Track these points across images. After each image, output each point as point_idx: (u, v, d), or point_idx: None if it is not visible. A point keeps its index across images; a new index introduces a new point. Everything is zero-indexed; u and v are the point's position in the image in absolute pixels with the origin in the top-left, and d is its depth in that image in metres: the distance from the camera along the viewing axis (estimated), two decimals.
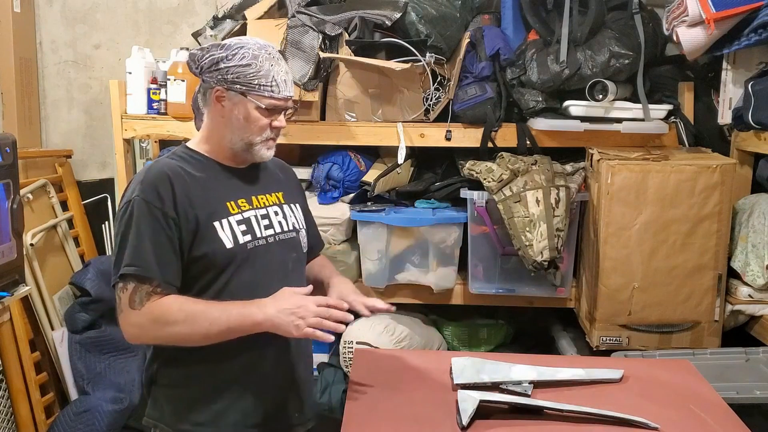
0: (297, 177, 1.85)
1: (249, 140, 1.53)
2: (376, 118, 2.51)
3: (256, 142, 1.54)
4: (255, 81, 1.49)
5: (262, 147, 1.55)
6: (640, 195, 2.20)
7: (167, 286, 1.43)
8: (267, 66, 1.49)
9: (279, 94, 1.51)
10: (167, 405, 1.55)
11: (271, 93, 1.50)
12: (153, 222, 1.43)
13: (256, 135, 1.53)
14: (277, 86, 1.50)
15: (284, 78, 1.52)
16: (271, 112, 1.52)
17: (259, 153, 1.56)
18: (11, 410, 2.44)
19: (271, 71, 1.50)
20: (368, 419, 1.51)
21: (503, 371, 1.66)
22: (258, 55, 1.49)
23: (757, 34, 2.15)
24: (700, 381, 1.75)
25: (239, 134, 1.53)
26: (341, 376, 2.49)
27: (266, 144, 1.55)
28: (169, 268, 1.44)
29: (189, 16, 3.07)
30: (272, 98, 1.51)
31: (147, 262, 1.41)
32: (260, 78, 1.49)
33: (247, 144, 1.54)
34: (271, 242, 1.56)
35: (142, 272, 1.41)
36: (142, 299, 1.41)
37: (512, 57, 2.47)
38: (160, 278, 1.42)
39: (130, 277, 1.41)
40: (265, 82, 1.49)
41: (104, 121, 3.06)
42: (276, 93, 1.51)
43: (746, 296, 2.28)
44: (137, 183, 1.47)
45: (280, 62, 1.53)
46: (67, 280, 2.77)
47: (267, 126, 1.53)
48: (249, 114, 1.51)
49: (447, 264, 2.53)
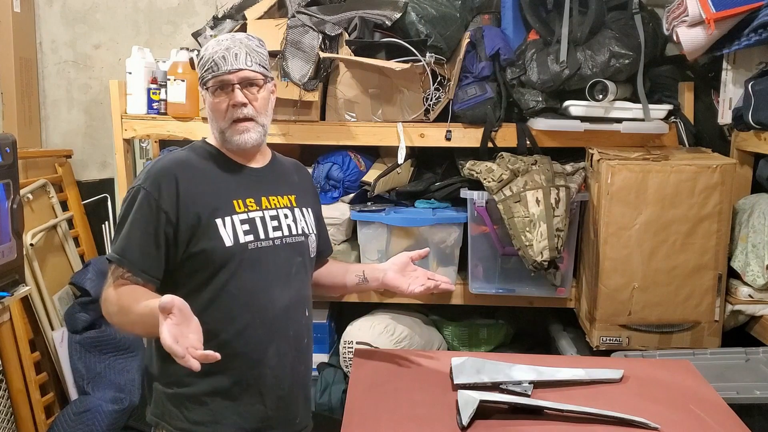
0: (312, 180, 1.85)
1: (219, 128, 1.55)
2: (376, 118, 2.51)
3: (224, 128, 1.55)
4: (203, 70, 1.53)
5: (233, 133, 1.54)
6: (640, 195, 2.20)
7: (141, 275, 1.45)
8: (210, 51, 1.52)
9: (219, 70, 1.51)
10: (167, 403, 1.55)
11: (213, 72, 1.52)
12: (147, 213, 1.46)
13: (221, 120, 1.54)
14: (215, 64, 1.51)
15: (223, 55, 1.51)
16: (223, 91, 1.52)
17: (232, 139, 1.55)
18: (11, 410, 2.44)
19: (211, 55, 1.52)
20: (368, 419, 1.50)
21: (503, 371, 1.66)
22: (208, 47, 1.54)
23: (757, 34, 2.15)
24: (700, 381, 1.75)
25: (213, 128, 1.57)
26: (341, 376, 2.49)
27: (235, 129, 1.54)
28: (149, 259, 1.46)
29: (189, 16, 3.07)
30: (214, 77, 1.52)
31: (129, 249, 1.45)
32: (204, 64, 1.53)
33: (220, 133, 1.56)
34: (278, 244, 1.56)
35: (120, 258, 1.46)
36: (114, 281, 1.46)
37: (512, 57, 2.47)
38: (136, 267, 1.45)
39: (112, 260, 1.47)
40: (207, 66, 1.52)
41: (104, 121, 3.06)
42: (216, 70, 1.51)
43: (746, 296, 2.28)
44: (146, 172, 1.52)
45: (225, 43, 1.52)
46: (67, 280, 2.77)
47: (225, 108, 1.53)
48: (210, 103, 1.54)
49: (447, 264, 2.53)
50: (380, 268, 1.77)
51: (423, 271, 1.76)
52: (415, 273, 1.75)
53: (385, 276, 1.75)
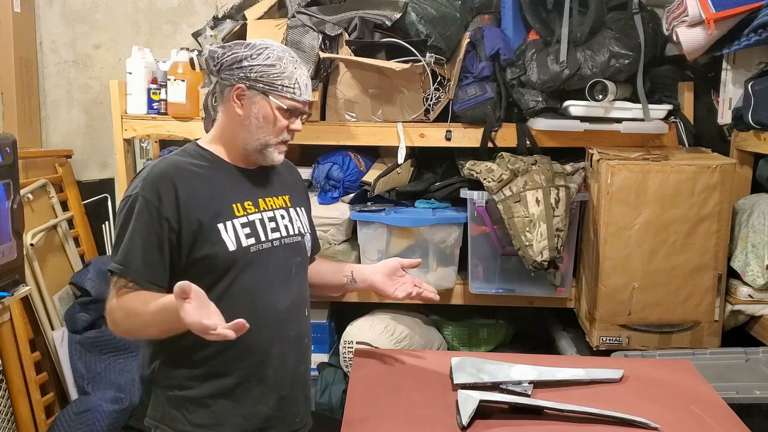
0: (302, 179, 1.85)
1: (265, 141, 1.53)
2: (376, 118, 2.51)
3: (271, 144, 1.54)
4: (278, 81, 1.49)
5: (275, 150, 1.55)
6: (640, 195, 2.20)
7: (147, 285, 1.43)
8: (291, 68, 1.51)
9: (300, 96, 1.52)
10: (167, 406, 1.54)
11: (293, 95, 1.51)
12: (148, 220, 1.43)
13: (273, 136, 1.53)
14: (299, 88, 1.51)
15: (306, 82, 1.53)
16: (290, 114, 1.53)
17: (271, 156, 1.55)
18: (11, 410, 2.44)
19: (294, 73, 1.51)
20: (368, 419, 1.51)
21: (503, 371, 1.66)
22: (282, 57, 1.50)
23: (757, 34, 2.15)
24: (700, 381, 1.75)
25: (255, 134, 1.53)
26: (341, 376, 2.50)
27: (279, 147, 1.56)
28: (153, 268, 1.44)
29: (189, 16, 3.07)
30: (294, 100, 1.51)
31: (133, 259, 1.43)
32: (284, 79, 1.49)
33: (263, 145, 1.54)
34: (277, 246, 1.56)
35: (123, 269, 1.43)
36: (117, 292, 1.43)
37: (512, 57, 2.47)
38: (141, 276, 1.42)
39: (115, 271, 1.44)
40: (288, 83, 1.50)
41: (104, 121, 3.06)
42: (298, 95, 1.51)
43: (746, 296, 2.28)
44: (141, 179, 1.48)
45: (302, 67, 1.54)
46: (67, 280, 2.77)
47: (284, 128, 1.53)
48: (268, 114, 1.51)
49: (447, 264, 2.53)
50: (369, 271, 1.77)
51: (410, 278, 1.77)
52: (402, 279, 1.76)
53: (373, 279, 1.75)
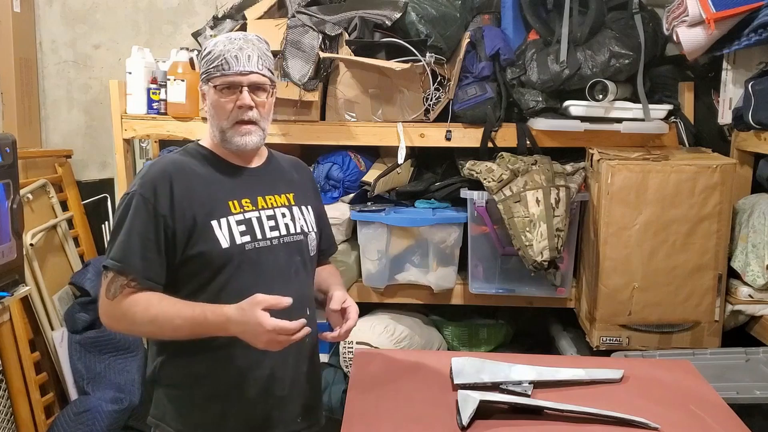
0: (313, 177, 1.83)
1: (220, 127, 1.54)
2: (376, 118, 2.51)
3: (225, 128, 1.53)
4: (210, 65, 1.52)
5: (235, 133, 1.53)
6: (640, 195, 2.20)
7: (145, 282, 1.44)
8: (221, 47, 1.51)
9: (230, 70, 1.50)
10: (169, 405, 1.55)
11: (222, 71, 1.51)
12: (145, 218, 1.45)
13: (223, 119, 1.53)
14: (226, 63, 1.50)
15: (236, 54, 1.50)
16: (230, 91, 1.51)
17: (234, 140, 1.53)
18: (11, 410, 2.44)
19: (223, 52, 1.50)
20: (368, 419, 1.50)
21: (503, 371, 1.66)
22: (218, 42, 1.52)
23: (757, 34, 2.15)
24: (700, 381, 1.75)
25: (213, 124, 1.55)
26: (341, 376, 2.49)
27: (237, 130, 1.53)
28: (151, 265, 1.45)
29: (189, 16, 3.07)
30: (224, 75, 1.51)
31: (130, 256, 1.43)
32: (213, 60, 1.51)
33: (221, 132, 1.54)
34: (276, 244, 1.55)
35: (121, 266, 1.43)
36: (116, 291, 1.43)
37: (512, 57, 2.47)
38: (140, 274, 1.43)
39: (111, 268, 1.44)
40: (217, 62, 1.51)
41: (104, 121, 3.06)
42: (227, 69, 1.50)
43: (746, 296, 2.28)
44: (139, 177, 1.50)
45: (238, 42, 1.52)
46: (67, 280, 2.77)
47: (230, 108, 1.52)
48: (214, 100, 1.53)
49: (447, 264, 2.53)
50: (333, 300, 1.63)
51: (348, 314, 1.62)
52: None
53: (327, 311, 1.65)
